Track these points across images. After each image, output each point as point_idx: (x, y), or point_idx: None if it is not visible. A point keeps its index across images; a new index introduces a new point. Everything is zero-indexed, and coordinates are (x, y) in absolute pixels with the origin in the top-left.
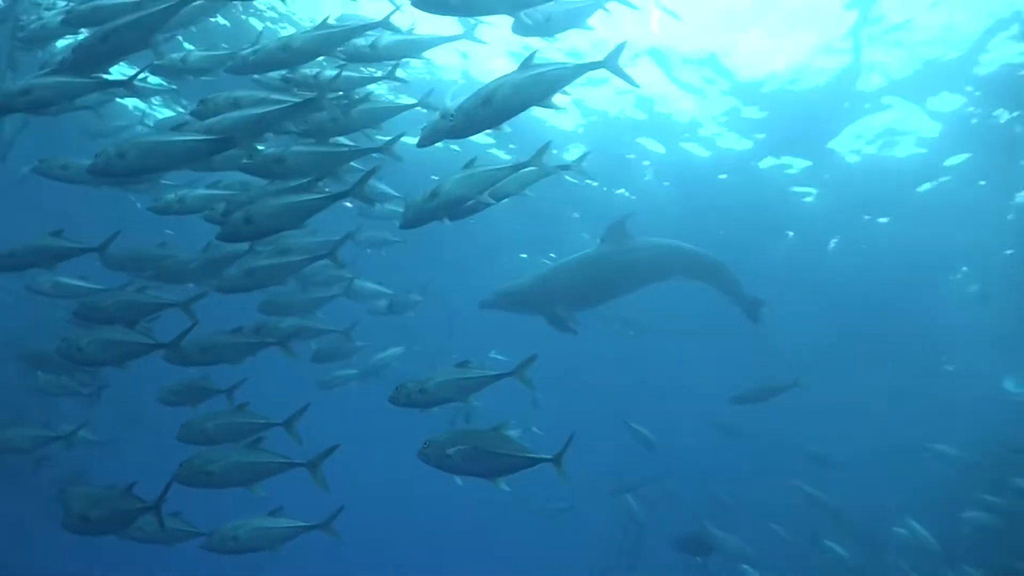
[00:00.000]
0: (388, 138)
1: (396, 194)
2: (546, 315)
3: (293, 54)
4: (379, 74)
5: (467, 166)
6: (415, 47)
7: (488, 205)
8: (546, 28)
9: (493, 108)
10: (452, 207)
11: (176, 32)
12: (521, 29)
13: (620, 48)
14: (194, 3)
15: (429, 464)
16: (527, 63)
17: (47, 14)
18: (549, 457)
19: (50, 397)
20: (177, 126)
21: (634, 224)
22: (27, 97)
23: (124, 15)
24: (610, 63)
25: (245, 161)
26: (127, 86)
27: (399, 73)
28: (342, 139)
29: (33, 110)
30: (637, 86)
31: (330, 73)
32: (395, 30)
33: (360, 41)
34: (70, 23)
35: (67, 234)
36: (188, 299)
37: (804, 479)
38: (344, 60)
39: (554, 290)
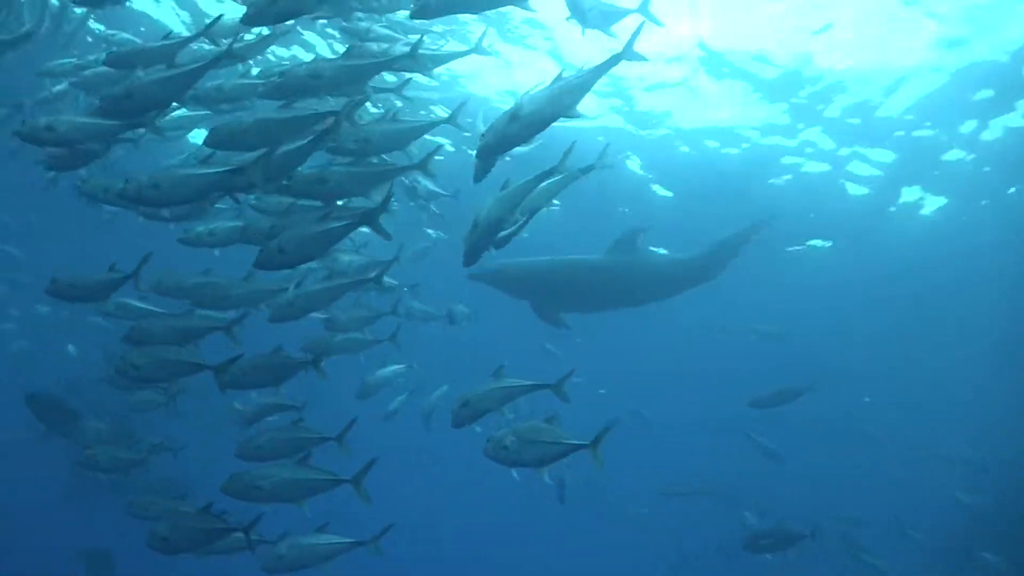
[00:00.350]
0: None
1: (444, 192)
2: (534, 305)
3: (324, 82)
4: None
5: (502, 188)
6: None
7: (524, 224)
8: (586, 19)
9: (521, 123)
10: (493, 232)
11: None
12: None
13: (635, 35)
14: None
15: (492, 459)
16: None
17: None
18: (586, 444)
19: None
20: (207, 158)
21: (646, 239)
22: (52, 134)
23: (162, 62)
24: (627, 53)
25: (286, 183)
26: (149, 126)
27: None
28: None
29: (58, 146)
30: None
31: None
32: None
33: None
34: (110, 65)
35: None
36: (232, 320)
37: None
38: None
39: (550, 284)
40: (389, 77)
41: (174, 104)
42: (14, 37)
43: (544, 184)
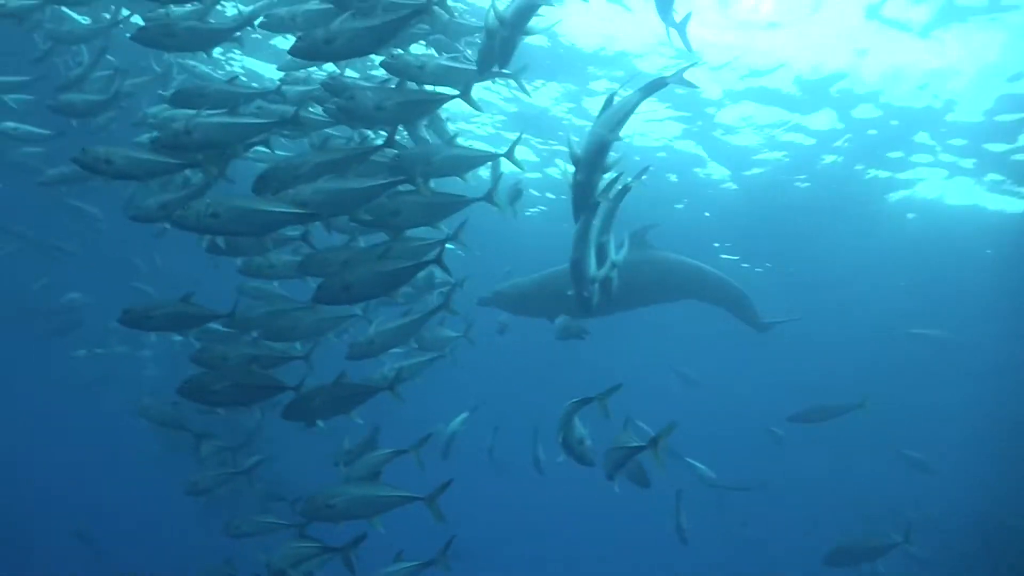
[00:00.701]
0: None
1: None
2: (549, 319)
3: (387, 114)
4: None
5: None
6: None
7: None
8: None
9: (583, 168)
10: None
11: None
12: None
13: (684, 69)
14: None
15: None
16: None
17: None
18: (644, 444)
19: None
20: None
21: (656, 236)
22: (109, 166)
23: (226, 104)
24: (676, 78)
25: (365, 217)
26: (205, 168)
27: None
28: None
29: (114, 178)
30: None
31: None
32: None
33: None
34: (174, 103)
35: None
36: (307, 351)
37: None
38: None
39: (556, 294)
40: None
41: None
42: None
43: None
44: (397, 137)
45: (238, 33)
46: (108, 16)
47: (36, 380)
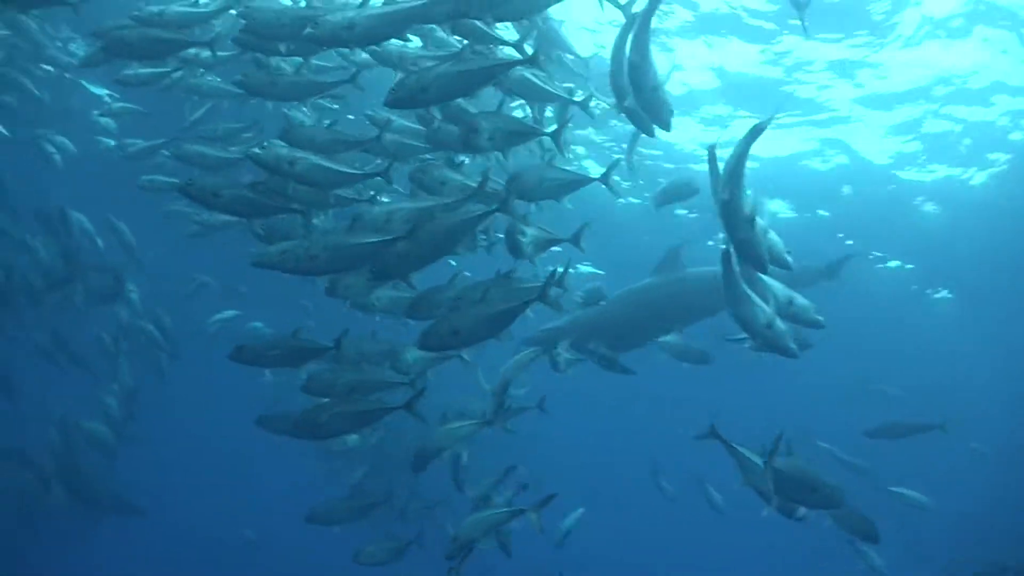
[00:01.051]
0: None
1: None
2: (589, 356)
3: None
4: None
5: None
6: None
7: None
8: None
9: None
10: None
11: None
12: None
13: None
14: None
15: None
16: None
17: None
18: (764, 460)
19: None
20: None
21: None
22: (217, 199)
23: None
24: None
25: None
26: (304, 214)
27: None
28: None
29: (221, 212)
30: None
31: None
32: None
33: None
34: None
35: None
36: (415, 376)
37: None
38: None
39: (594, 329)
40: None
41: None
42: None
43: None
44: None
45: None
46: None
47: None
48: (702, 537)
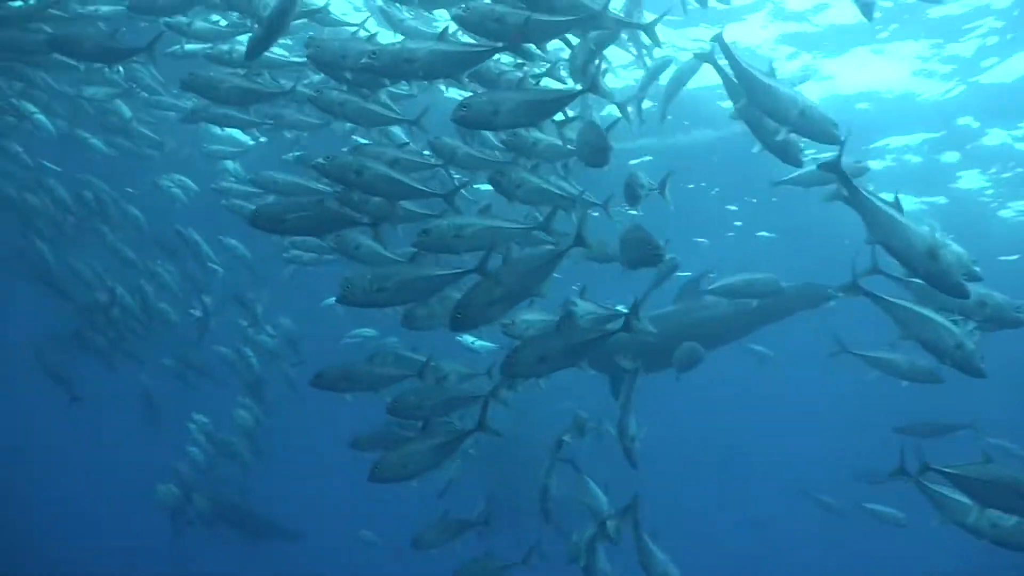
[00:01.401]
0: None
1: None
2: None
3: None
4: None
5: None
6: None
7: None
8: None
9: None
10: None
11: None
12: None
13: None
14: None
15: None
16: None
17: None
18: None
19: None
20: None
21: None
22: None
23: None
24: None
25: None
26: (376, 231)
27: None
28: None
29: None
30: None
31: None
32: None
33: None
34: (320, 171)
35: None
36: (492, 391)
37: None
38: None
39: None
40: None
41: None
42: None
43: None
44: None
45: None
46: None
47: None
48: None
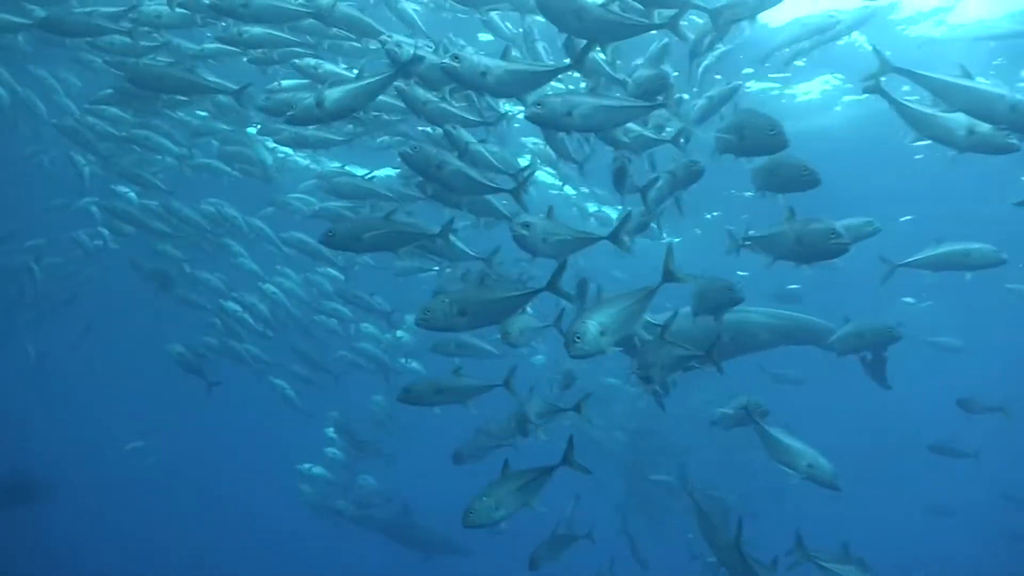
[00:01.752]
0: None
1: None
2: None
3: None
4: None
5: None
6: None
7: None
8: None
9: None
10: None
11: None
12: None
13: None
14: None
15: None
16: None
17: None
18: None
19: None
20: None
21: None
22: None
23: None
24: None
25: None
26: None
27: None
28: None
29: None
30: None
31: None
32: None
33: None
34: (405, 159)
35: None
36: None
37: None
38: None
39: None
40: None
41: None
42: None
43: None
44: None
45: None
46: None
47: None
48: None
